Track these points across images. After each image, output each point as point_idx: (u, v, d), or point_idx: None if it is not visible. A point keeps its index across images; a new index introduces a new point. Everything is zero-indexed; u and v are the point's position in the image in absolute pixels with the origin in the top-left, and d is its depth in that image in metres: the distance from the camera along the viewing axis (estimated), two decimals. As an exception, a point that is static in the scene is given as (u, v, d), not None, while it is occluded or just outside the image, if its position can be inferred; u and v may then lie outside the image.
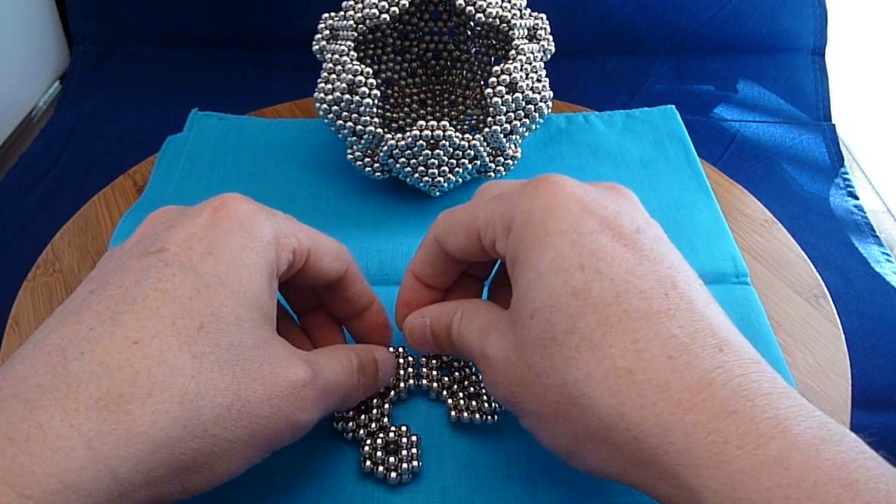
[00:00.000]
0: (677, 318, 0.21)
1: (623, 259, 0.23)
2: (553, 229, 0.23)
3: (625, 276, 0.22)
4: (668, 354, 0.21)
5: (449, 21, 0.50)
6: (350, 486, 0.31)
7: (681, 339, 0.21)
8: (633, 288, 0.22)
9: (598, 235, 0.23)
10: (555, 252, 0.23)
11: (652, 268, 0.23)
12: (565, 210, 0.24)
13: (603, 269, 0.22)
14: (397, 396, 0.33)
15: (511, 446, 0.32)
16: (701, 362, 0.21)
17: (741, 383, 0.20)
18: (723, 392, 0.20)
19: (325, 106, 0.42)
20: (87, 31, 0.71)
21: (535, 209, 0.24)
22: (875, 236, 0.56)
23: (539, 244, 0.23)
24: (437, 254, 0.30)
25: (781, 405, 0.20)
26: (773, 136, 0.65)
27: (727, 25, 0.70)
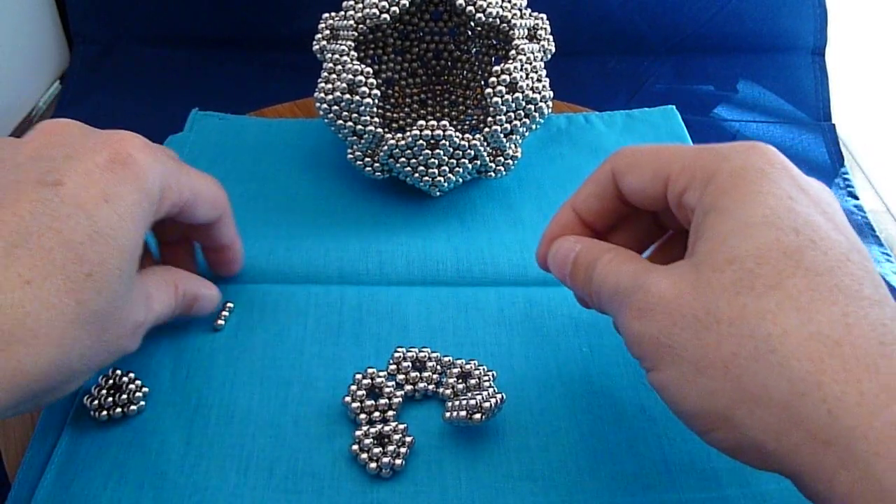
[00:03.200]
0: (887, 311, 0.20)
1: (837, 240, 0.21)
2: (767, 189, 0.22)
3: (839, 255, 0.21)
4: (879, 339, 0.19)
5: (449, 21, 0.50)
6: (350, 484, 0.31)
7: (891, 328, 0.20)
8: (846, 269, 0.21)
9: (813, 211, 0.22)
10: (769, 210, 0.22)
11: (862, 260, 0.21)
12: (781, 177, 0.23)
13: (818, 240, 0.21)
14: (413, 393, 0.33)
15: (511, 447, 0.32)
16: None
17: None
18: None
19: (325, 106, 0.42)
20: (87, 31, 0.71)
21: (749, 166, 0.23)
22: (875, 236, 0.56)
23: (750, 198, 0.22)
24: (608, 188, 0.28)
25: None
26: (773, 136, 0.65)
27: (727, 25, 0.70)
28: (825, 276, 0.20)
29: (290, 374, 0.35)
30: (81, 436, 0.32)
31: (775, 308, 0.20)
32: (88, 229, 0.24)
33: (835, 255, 0.21)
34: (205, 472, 0.31)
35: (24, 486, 0.30)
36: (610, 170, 0.28)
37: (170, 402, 0.34)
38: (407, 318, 0.38)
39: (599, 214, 0.29)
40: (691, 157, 0.25)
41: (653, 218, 0.30)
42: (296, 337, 0.37)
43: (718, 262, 0.22)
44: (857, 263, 0.21)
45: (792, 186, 0.22)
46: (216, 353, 0.36)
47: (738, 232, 0.22)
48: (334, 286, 0.40)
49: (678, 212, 0.26)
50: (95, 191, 0.25)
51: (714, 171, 0.23)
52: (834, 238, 0.21)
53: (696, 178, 0.24)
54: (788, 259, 0.21)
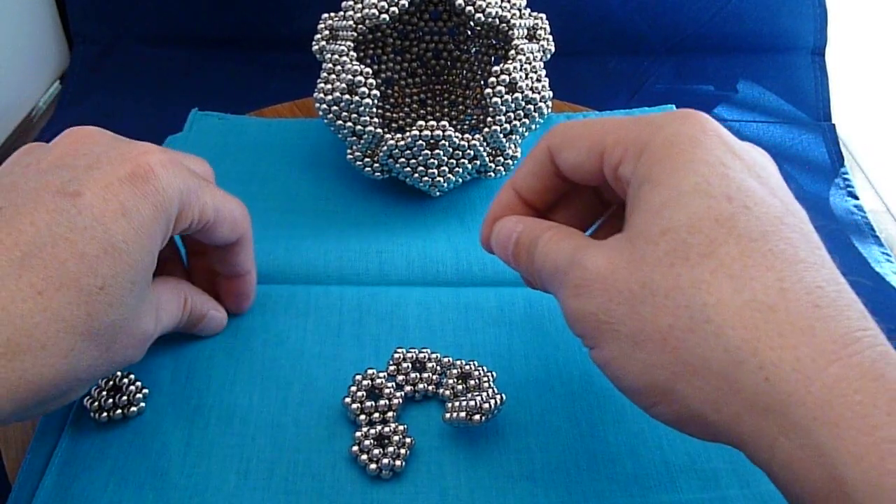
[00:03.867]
0: (823, 273, 0.20)
1: (771, 204, 0.21)
2: (699, 157, 0.22)
3: (773, 219, 0.21)
4: (814, 302, 0.19)
5: (449, 21, 0.50)
6: (350, 485, 0.31)
7: (827, 291, 0.19)
8: (780, 233, 0.20)
9: (747, 176, 0.22)
10: (701, 178, 0.21)
11: (797, 223, 0.21)
12: (713, 143, 0.22)
13: (751, 206, 0.21)
14: (413, 394, 0.33)
15: (512, 447, 0.32)
16: (848, 320, 0.19)
17: (887, 351, 0.18)
18: (870, 353, 0.18)
19: (325, 106, 0.42)
20: (87, 31, 0.71)
21: (680, 134, 0.22)
22: (875, 236, 0.56)
23: (683, 167, 0.22)
24: (546, 166, 0.28)
25: None
26: (773, 136, 0.65)
27: (727, 25, 0.70)
28: (759, 241, 0.20)
29: (290, 375, 0.35)
30: (81, 437, 0.32)
31: (709, 277, 0.20)
32: (104, 243, 0.24)
33: (769, 219, 0.21)
34: (205, 473, 0.31)
35: (24, 487, 0.30)
36: (546, 147, 0.27)
37: (170, 403, 0.34)
38: (407, 318, 0.38)
39: (540, 193, 0.29)
40: (625, 129, 0.24)
41: (594, 193, 0.29)
42: (296, 337, 0.37)
43: (652, 234, 0.21)
44: (792, 226, 0.21)
45: (725, 152, 0.22)
46: (216, 354, 0.36)
47: (671, 202, 0.21)
48: (334, 286, 0.40)
49: (615, 185, 0.25)
50: (114, 204, 0.25)
51: (647, 142, 0.23)
52: (768, 202, 0.21)
53: (630, 150, 0.24)
54: (721, 227, 0.21)
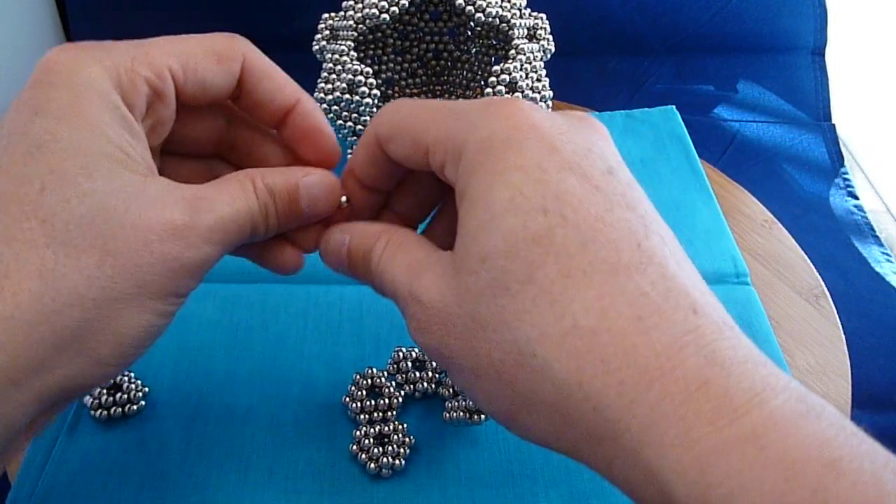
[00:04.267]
0: (649, 274, 0.19)
1: (592, 203, 0.20)
2: (513, 163, 0.20)
3: (593, 222, 0.19)
4: (636, 314, 0.18)
5: (449, 21, 0.50)
6: (351, 483, 0.31)
7: (652, 297, 0.19)
8: (601, 237, 0.19)
9: (566, 175, 0.20)
10: (514, 190, 0.20)
11: (623, 215, 0.20)
12: (529, 142, 0.20)
13: (569, 214, 0.20)
14: (413, 392, 0.33)
15: (512, 446, 0.32)
16: (672, 325, 0.18)
17: (715, 350, 0.18)
18: (695, 360, 0.18)
19: (324, 106, 0.42)
20: (87, 31, 0.71)
21: (494, 137, 0.21)
22: (875, 236, 0.56)
23: (496, 179, 0.20)
24: (377, 154, 0.25)
25: (758, 374, 0.18)
26: (773, 136, 0.65)
27: (727, 25, 0.70)
28: (577, 256, 0.19)
29: (290, 375, 0.35)
30: (81, 435, 0.32)
31: (530, 306, 0.19)
32: (25, 147, 0.21)
33: (588, 225, 0.19)
34: (205, 472, 0.31)
35: (23, 485, 0.30)
36: (374, 134, 0.25)
37: (170, 402, 0.34)
38: (407, 317, 0.38)
39: (378, 178, 0.26)
40: (443, 126, 0.22)
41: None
42: (296, 337, 0.37)
43: (473, 261, 0.20)
44: (614, 223, 0.20)
45: (541, 150, 0.20)
46: (216, 353, 0.36)
47: (488, 224, 0.20)
48: (334, 286, 0.40)
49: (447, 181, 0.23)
50: (25, 111, 0.21)
51: (462, 145, 0.21)
52: (587, 202, 0.20)
53: (449, 153, 0.22)
54: (537, 246, 0.19)
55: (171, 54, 0.24)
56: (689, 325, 0.18)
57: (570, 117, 0.23)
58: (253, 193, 0.24)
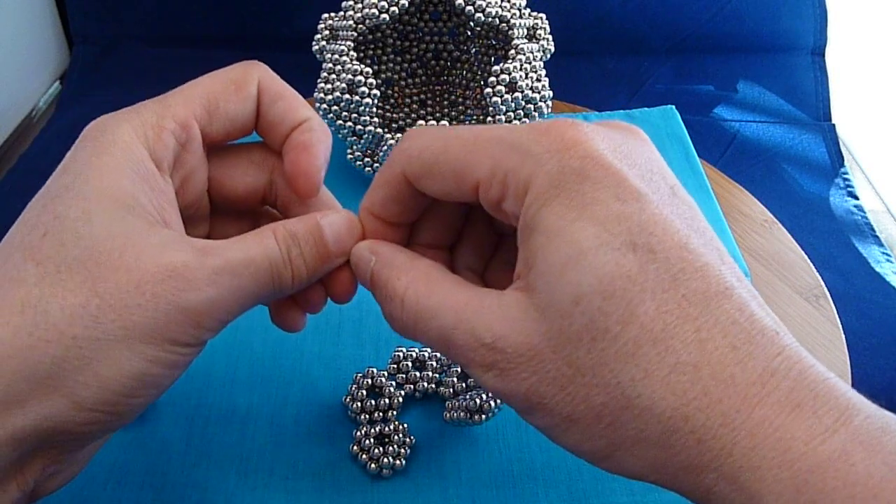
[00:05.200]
0: (734, 299, 0.19)
1: (673, 231, 0.20)
2: (591, 197, 0.20)
3: (679, 252, 0.19)
4: (731, 344, 0.19)
5: (449, 21, 0.50)
6: (351, 483, 0.31)
7: (741, 324, 0.19)
8: (689, 267, 0.19)
9: (644, 203, 0.20)
10: (599, 226, 0.19)
11: (700, 240, 0.20)
12: (604, 171, 0.20)
13: (656, 246, 0.19)
14: (413, 392, 0.33)
15: (512, 446, 0.32)
16: (763, 350, 0.19)
17: (801, 370, 0.19)
18: (786, 383, 0.18)
19: (325, 106, 0.42)
20: (87, 31, 0.71)
21: (565, 170, 0.20)
22: (875, 236, 0.56)
23: (577, 214, 0.20)
24: (404, 191, 0.24)
25: (839, 394, 0.18)
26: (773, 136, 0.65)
27: (727, 25, 0.70)
28: (671, 290, 0.19)
29: (290, 375, 0.35)
30: (81, 436, 0.32)
31: (633, 348, 0.19)
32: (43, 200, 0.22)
33: (675, 254, 0.19)
34: (205, 472, 0.31)
35: (24, 486, 0.30)
36: (401, 173, 0.24)
37: (170, 402, 0.34)
38: (407, 317, 0.38)
39: (402, 214, 0.25)
40: (497, 159, 0.22)
41: None
42: (296, 337, 0.37)
43: (564, 304, 0.20)
44: (697, 250, 0.20)
45: (615, 179, 0.20)
46: (216, 353, 0.36)
47: (575, 262, 0.20)
48: (334, 286, 0.40)
49: (499, 216, 0.23)
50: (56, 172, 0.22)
51: (528, 179, 0.21)
52: (670, 230, 0.20)
53: (510, 187, 0.21)
54: (633, 284, 0.19)
55: (194, 99, 0.24)
56: (777, 349, 0.19)
57: (619, 130, 0.22)
58: (273, 240, 0.24)
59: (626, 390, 0.19)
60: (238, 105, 0.25)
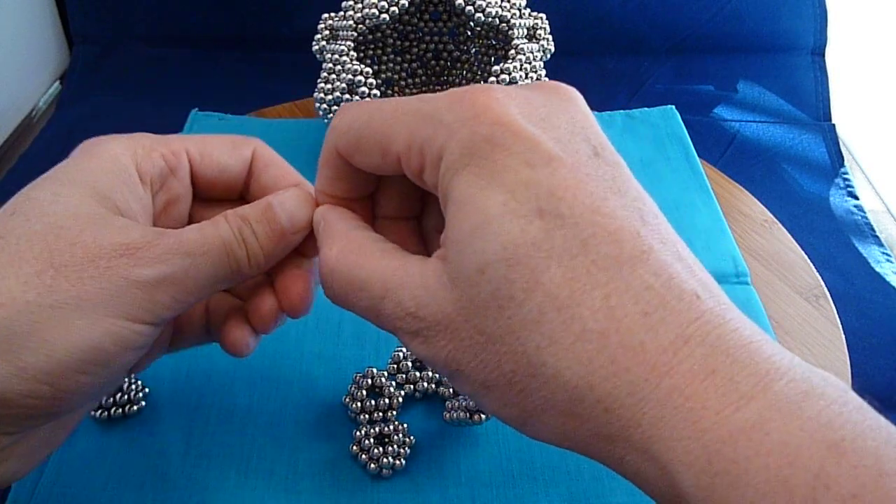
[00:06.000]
0: (651, 263, 0.19)
1: (586, 194, 0.19)
2: (501, 164, 0.20)
3: (590, 216, 0.19)
4: (643, 310, 0.18)
5: (449, 21, 0.50)
6: (351, 483, 0.31)
7: (656, 289, 0.19)
8: (600, 231, 0.19)
9: (556, 166, 0.19)
10: (507, 194, 0.19)
11: (618, 202, 0.20)
12: (514, 137, 0.20)
13: (565, 211, 0.19)
14: (413, 392, 0.33)
15: (512, 446, 0.32)
16: (677, 316, 0.18)
17: (720, 335, 0.18)
18: (701, 350, 0.18)
19: (325, 106, 0.42)
20: (87, 31, 0.71)
21: (475, 136, 0.20)
22: (875, 236, 0.56)
23: (486, 182, 0.20)
24: (344, 167, 0.24)
25: (761, 358, 0.18)
26: (773, 136, 0.65)
27: (727, 25, 0.70)
28: (579, 256, 0.19)
29: (290, 375, 0.35)
30: (81, 436, 0.32)
31: (538, 315, 0.19)
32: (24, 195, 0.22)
33: (585, 218, 0.19)
34: (205, 472, 0.31)
35: (23, 486, 0.30)
36: (334, 149, 0.24)
37: (170, 402, 0.34)
38: (407, 318, 0.38)
39: (352, 189, 0.25)
40: (413, 130, 0.22)
41: None
42: (296, 337, 0.37)
43: (471, 272, 0.20)
44: (611, 213, 0.19)
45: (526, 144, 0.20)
46: (216, 353, 0.36)
47: (481, 231, 0.19)
48: (334, 286, 0.40)
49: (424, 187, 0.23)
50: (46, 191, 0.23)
51: (441, 148, 0.21)
52: (582, 194, 0.19)
53: (427, 156, 0.21)
54: (538, 251, 0.19)
55: (189, 139, 0.26)
56: (694, 314, 0.18)
57: (542, 91, 0.22)
58: (224, 223, 0.24)
59: (532, 358, 0.19)
60: (230, 158, 0.26)
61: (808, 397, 0.17)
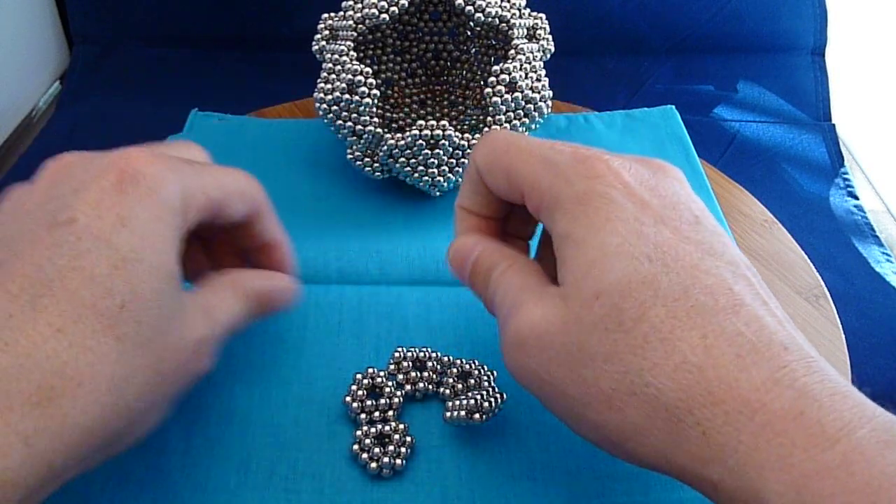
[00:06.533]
0: (742, 315, 0.21)
1: (686, 254, 0.22)
2: (615, 216, 0.23)
3: (690, 270, 0.22)
4: (736, 353, 0.21)
5: (449, 21, 0.50)
6: (351, 484, 0.31)
7: (747, 336, 0.21)
8: (698, 283, 0.22)
9: (661, 228, 0.23)
10: (621, 238, 0.22)
11: (714, 263, 0.22)
12: (623, 199, 0.23)
13: (669, 262, 0.22)
14: (413, 393, 0.33)
15: (512, 446, 0.32)
16: (767, 361, 0.20)
17: (806, 384, 0.20)
18: (790, 393, 0.20)
19: (324, 106, 0.42)
20: (87, 31, 0.71)
21: (591, 193, 0.23)
22: (875, 236, 0.56)
23: (602, 226, 0.23)
24: (480, 185, 0.28)
25: (846, 406, 0.19)
26: (773, 136, 0.65)
27: (727, 25, 0.70)
28: (681, 300, 0.21)
29: (290, 375, 0.35)
30: (81, 436, 0.32)
31: (643, 342, 0.21)
32: (111, 258, 0.23)
33: (686, 271, 0.22)
34: (205, 472, 0.31)
35: (24, 486, 0.30)
36: (475, 166, 0.28)
37: (170, 402, 0.34)
38: (407, 317, 0.38)
39: (487, 206, 0.29)
40: (537, 174, 0.25)
41: None
42: (296, 336, 0.37)
43: (586, 296, 0.22)
44: (708, 271, 0.22)
45: (635, 206, 0.23)
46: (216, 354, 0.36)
47: (600, 262, 0.22)
48: (334, 286, 0.40)
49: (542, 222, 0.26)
50: (111, 217, 0.23)
51: (558, 196, 0.24)
52: (683, 252, 0.22)
53: (544, 201, 0.25)
54: (648, 289, 0.22)
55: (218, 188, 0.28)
56: (782, 361, 0.20)
57: (650, 167, 0.25)
58: (244, 299, 0.29)
59: (635, 378, 0.21)
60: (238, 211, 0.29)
61: (890, 446, 0.18)
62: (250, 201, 0.30)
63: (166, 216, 0.25)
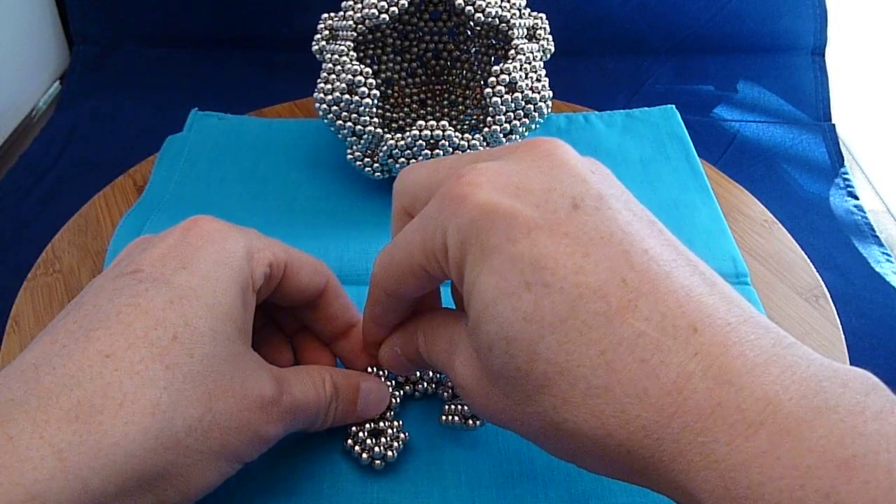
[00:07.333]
0: (640, 309, 0.19)
1: (567, 255, 0.20)
2: (487, 245, 0.21)
3: (574, 278, 0.20)
4: (639, 357, 0.19)
5: (449, 21, 0.50)
6: (349, 485, 0.31)
7: (649, 334, 0.19)
8: (586, 290, 0.20)
9: (536, 235, 0.20)
10: (496, 275, 0.20)
11: (602, 252, 0.20)
12: (493, 216, 0.21)
13: (549, 279, 0.20)
14: (412, 392, 0.33)
15: (512, 446, 0.32)
16: (675, 356, 0.19)
17: (722, 365, 0.18)
18: (704, 384, 0.18)
19: (324, 106, 0.42)
20: (87, 31, 0.71)
21: (462, 228, 0.21)
22: (875, 236, 0.56)
23: (480, 269, 0.21)
24: (393, 302, 0.27)
25: (769, 378, 0.18)
26: (773, 136, 0.65)
27: (727, 25, 0.70)
28: (569, 319, 0.20)
29: (290, 374, 0.35)
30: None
31: (544, 380, 0.20)
32: (168, 295, 0.23)
33: (569, 281, 0.20)
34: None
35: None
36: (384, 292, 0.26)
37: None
38: (407, 318, 0.38)
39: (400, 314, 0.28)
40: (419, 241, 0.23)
41: None
42: (295, 337, 0.37)
43: (483, 351, 0.22)
44: (594, 268, 0.20)
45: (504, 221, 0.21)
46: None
47: (484, 314, 0.21)
48: (334, 286, 0.40)
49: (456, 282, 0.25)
50: (173, 263, 0.24)
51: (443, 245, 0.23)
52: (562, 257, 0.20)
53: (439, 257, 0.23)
54: (530, 324, 0.20)
55: (286, 251, 0.28)
56: (692, 349, 0.19)
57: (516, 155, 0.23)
58: (324, 388, 0.28)
59: (552, 416, 0.21)
60: (311, 281, 0.29)
61: (820, 414, 0.17)
62: (318, 271, 0.30)
63: (229, 261, 0.25)
